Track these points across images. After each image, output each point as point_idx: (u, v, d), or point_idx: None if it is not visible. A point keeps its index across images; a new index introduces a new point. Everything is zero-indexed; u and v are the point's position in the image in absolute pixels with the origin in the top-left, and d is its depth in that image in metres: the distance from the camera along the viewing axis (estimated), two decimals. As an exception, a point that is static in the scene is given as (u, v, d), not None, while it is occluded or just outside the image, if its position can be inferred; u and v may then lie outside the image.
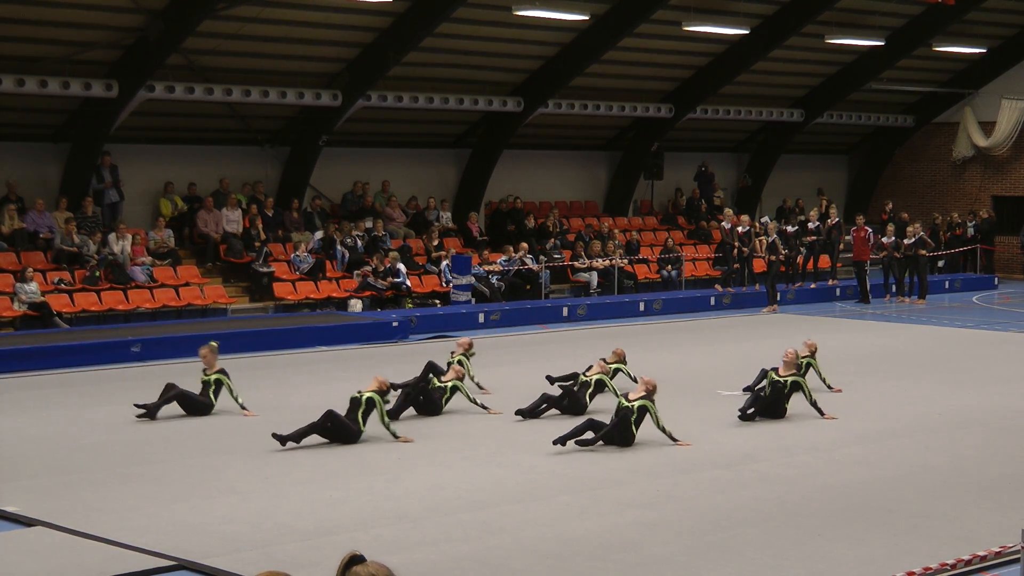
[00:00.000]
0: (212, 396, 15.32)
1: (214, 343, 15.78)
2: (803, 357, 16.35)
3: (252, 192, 26.84)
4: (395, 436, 13.72)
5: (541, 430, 14.55)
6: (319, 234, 26.51)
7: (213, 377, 15.35)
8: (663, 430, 13.57)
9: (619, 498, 11.62)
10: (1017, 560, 8.77)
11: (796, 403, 15.26)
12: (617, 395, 14.29)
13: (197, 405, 15.26)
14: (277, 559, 9.80)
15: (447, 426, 14.83)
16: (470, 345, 16.96)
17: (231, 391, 15.27)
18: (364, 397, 13.73)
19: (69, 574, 9.57)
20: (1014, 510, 11.14)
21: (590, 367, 15.96)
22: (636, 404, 13.54)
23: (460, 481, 12.19)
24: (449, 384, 15.59)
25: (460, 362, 16.40)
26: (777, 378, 15.10)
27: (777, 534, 10.48)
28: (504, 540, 10.27)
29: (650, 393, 13.64)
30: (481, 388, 16.69)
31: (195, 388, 15.42)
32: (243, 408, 15.21)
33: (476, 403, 15.47)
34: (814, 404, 15.09)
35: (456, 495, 11.65)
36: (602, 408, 14.96)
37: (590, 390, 15.57)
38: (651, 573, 9.57)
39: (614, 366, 16.31)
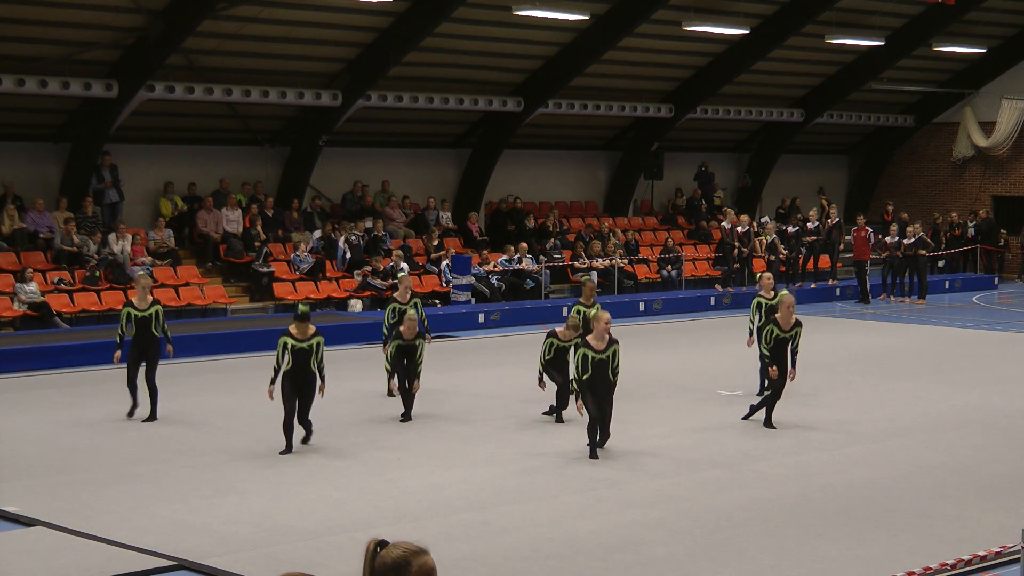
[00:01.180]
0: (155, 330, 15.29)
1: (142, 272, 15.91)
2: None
3: (252, 192, 26.84)
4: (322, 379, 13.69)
5: (541, 431, 14.56)
6: (317, 233, 26.50)
7: (153, 311, 15.36)
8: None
9: (619, 498, 11.62)
10: (1017, 560, 8.77)
11: (801, 410, 15.25)
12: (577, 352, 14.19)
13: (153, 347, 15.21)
14: (277, 559, 9.80)
15: (447, 426, 14.83)
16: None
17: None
18: (310, 343, 13.59)
19: (69, 574, 9.58)
20: (1014, 510, 11.15)
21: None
22: (610, 352, 13.26)
23: (460, 481, 12.19)
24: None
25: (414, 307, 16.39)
26: (782, 334, 14.90)
27: (777, 534, 10.49)
28: (504, 540, 10.27)
29: (612, 337, 13.37)
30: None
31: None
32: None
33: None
34: (795, 352, 14.91)
35: (456, 495, 11.66)
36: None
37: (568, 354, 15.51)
38: (651, 573, 9.57)
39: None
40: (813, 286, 29.74)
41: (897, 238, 29.32)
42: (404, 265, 25.89)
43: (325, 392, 13.80)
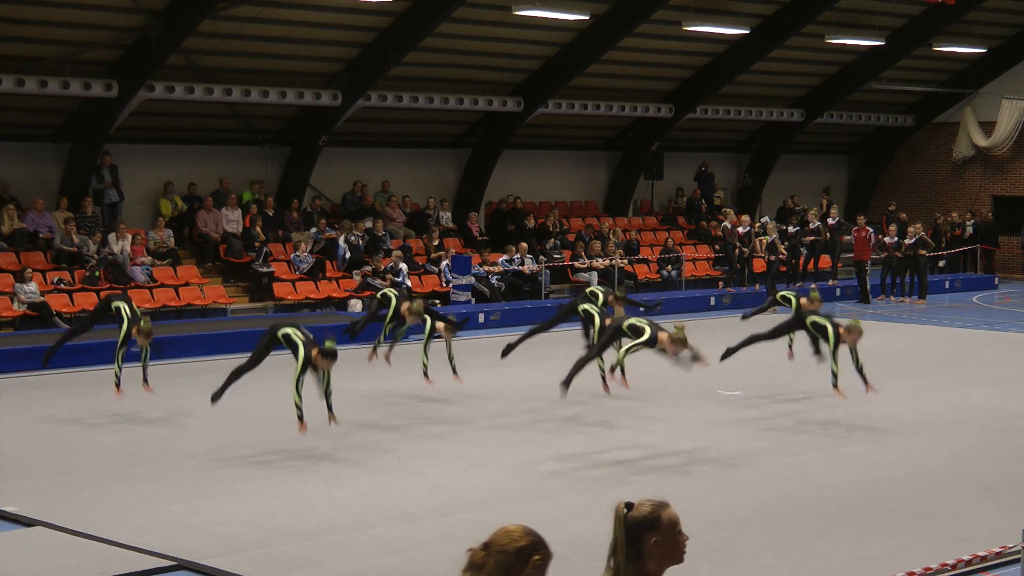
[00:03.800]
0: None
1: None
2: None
3: (252, 192, 26.85)
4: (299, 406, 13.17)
5: (542, 430, 14.55)
6: (313, 229, 26.49)
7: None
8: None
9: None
10: (1017, 560, 8.77)
11: (801, 410, 15.24)
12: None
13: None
14: (277, 559, 9.80)
15: (448, 426, 14.82)
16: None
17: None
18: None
19: (69, 574, 9.57)
20: (1014, 510, 11.14)
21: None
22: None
23: (460, 481, 12.19)
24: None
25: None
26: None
27: (777, 534, 10.48)
28: (504, 540, 10.26)
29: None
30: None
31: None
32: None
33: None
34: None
35: (456, 495, 11.65)
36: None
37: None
38: (651, 573, 9.55)
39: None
40: (813, 286, 29.69)
41: (896, 238, 29.30)
42: (403, 266, 25.90)
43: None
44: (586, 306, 15.89)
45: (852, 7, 30.02)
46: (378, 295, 17.23)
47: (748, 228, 28.82)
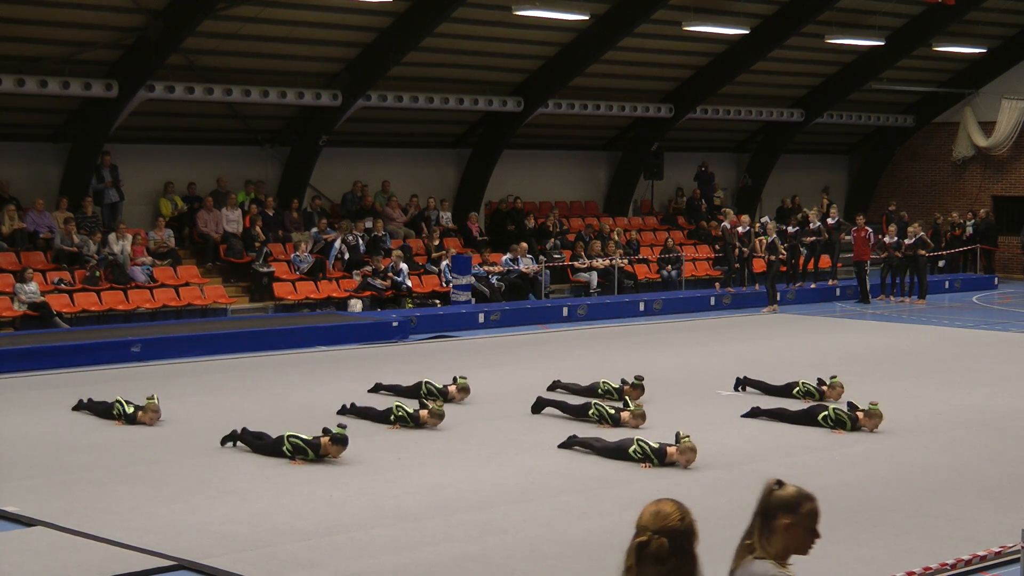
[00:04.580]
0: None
1: None
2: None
3: (254, 192, 26.84)
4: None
5: (541, 430, 14.55)
6: (313, 229, 26.50)
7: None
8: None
9: (619, 498, 11.61)
10: (1017, 560, 8.77)
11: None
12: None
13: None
14: (277, 559, 9.80)
15: (448, 427, 14.81)
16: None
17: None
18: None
19: (69, 574, 9.57)
20: (1014, 510, 11.13)
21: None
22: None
23: (461, 481, 12.18)
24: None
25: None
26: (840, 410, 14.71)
27: (777, 534, 10.47)
28: (504, 540, 10.27)
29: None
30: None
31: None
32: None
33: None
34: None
35: (457, 495, 11.65)
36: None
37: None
38: (651, 573, 9.56)
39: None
40: (813, 286, 29.74)
41: (896, 238, 29.30)
42: (403, 266, 25.90)
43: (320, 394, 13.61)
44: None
45: (852, 7, 30.03)
46: (423, 389, 15.84)
47: (748, 228, 28.83)
